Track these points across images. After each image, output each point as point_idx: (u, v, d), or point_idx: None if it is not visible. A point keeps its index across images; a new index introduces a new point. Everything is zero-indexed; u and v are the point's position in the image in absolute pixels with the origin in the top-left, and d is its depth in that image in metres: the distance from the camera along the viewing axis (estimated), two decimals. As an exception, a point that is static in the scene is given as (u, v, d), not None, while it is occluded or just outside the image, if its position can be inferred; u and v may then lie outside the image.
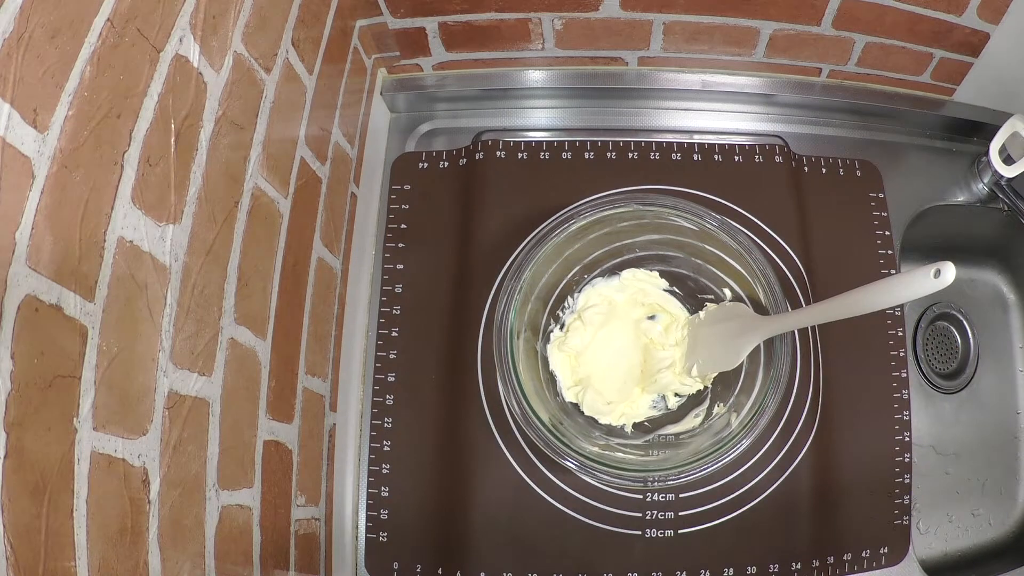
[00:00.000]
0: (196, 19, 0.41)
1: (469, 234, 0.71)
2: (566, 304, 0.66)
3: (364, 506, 0.66)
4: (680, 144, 0.75)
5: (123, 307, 0.36)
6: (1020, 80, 0.73)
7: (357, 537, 0.66)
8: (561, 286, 0.65)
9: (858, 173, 0.75)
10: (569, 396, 0.63)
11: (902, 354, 0.70)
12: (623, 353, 0.64)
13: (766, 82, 0.77)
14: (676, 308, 0.65)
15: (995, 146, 0.71)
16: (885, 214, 0.74)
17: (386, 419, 0.67)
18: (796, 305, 0.68)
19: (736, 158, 0.74)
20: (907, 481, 0.66)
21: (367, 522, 0.65)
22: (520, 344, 0.59)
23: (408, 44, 0.74)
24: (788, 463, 0.65)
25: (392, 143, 0.78)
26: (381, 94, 0.77)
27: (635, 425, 0.64)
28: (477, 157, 0.74)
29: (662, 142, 0.75)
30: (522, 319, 0.60)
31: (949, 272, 0.42)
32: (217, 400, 0.45)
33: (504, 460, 0.64)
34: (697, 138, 0.76)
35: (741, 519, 0.64)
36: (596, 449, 0.57)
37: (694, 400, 0.64)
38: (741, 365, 0.60)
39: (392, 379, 0.68)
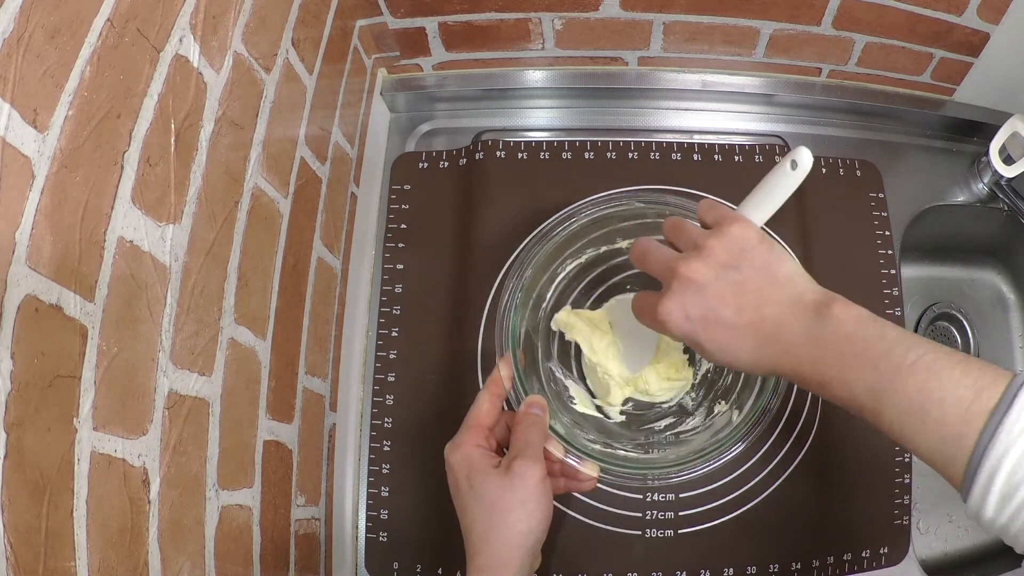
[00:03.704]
0: (196, 19, 0.41)
1: (469, 234, 0.71)
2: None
3: (364, 506, 0.66)
4: (680, 144, 0.75)
5: (123, 307, 0.36)
6: (1020, 80, 0.73)
7: (357, 537, 0.66)
8: (562, 285, 0.65)
9: (858, 173, 0.75)
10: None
11: (902, 354, 0.70)
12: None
13: (766, 82, 0.77)
14: None
15: (995, 146, 0.71)
16: (885, 214, 0.74)
17: (386, 419, 0.67)
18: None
19: (736, 158, 0.74)
20: (907, 481, 0.66)
21: (367, 522, 0.65)
22: (520, 343, 0.59)
23: (408, 44, 0.74)
24: (788, 463, 0.65)
25: (392, 143, 0.78)
26: (381, 94, 0.77)
27: (629, 421, 0.64)
28: (477, 157, 0.74)
29: (662, 142, 0.75)
30: (523, 318, 0.60)
31: (804, 155, 0.46)
32: (217, 400, 0.45)
33: (504, 460, 0.64)
34: (697, 138, 0.76)
35: (741, 519, 0.64)
36: (597, 447, 0.57)
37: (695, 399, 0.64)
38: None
39: (392, 379, 0.68)
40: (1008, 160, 0.71)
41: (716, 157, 0.74)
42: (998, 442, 0.33)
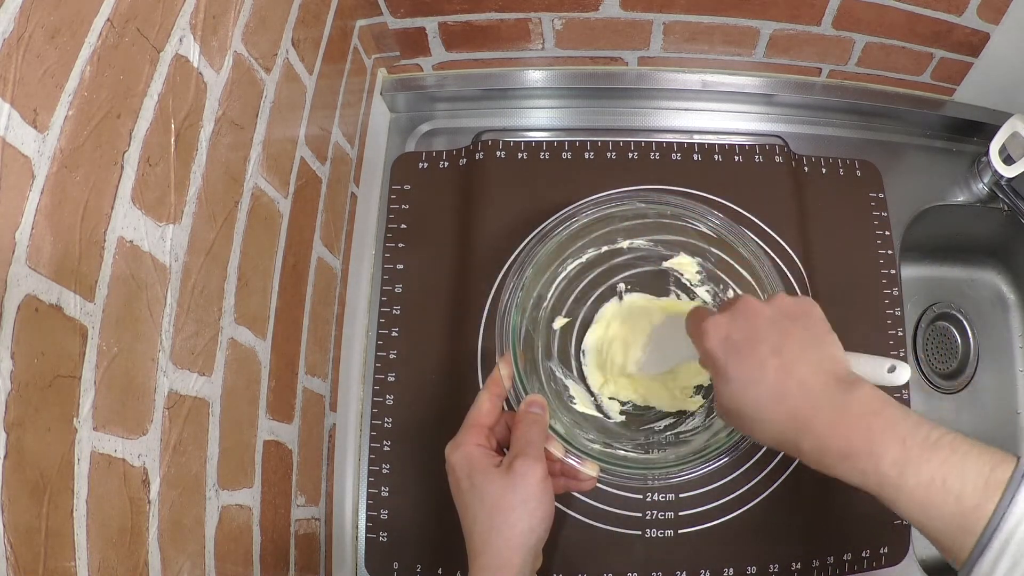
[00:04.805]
0: (196, 19, 0.41)
1: (469, 234, 0.71)
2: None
3: (364, 506, 0.66)
4: (680, 144, 0.75)
5: (123, 307, 0.36)
6: (1020, 80, 0.73)
7: (357, 537, 0.66)
8: (562, 285, 0.65)
9: (858, 173, 0.75)
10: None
11: (902, 354, 0.70)
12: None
13: (766, 82, 0.77)
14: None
15: (995, 146, 0.71)
16: (885, 214, 0.74)
17: (386, 419, 0.67)
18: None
19: (736, 158, 0.74)
20: (907, 481, 0.66)
21: (367, 522, 0.65)
22: (520, 342, 0.59)
23: (408, 44, 0.74)
24: (788, 462, 0.65)
25: (392, 143, 0.78)
26: (381, 94, 0.77)
27: (629, 421, 0.64)
28: (477, 157, 0.74)
29: (662, 142, 0.75)
30: (523, 317, 0.60)
31: (904, 372, 0.47)
32: (217, 400, 0.45)
33: (504, 460, 0.64)
34: (697, 138, 0.76)
35: (741, 519, 0.64)
36: (597, 447, 0.57)
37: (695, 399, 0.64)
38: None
39: (392, 379, 0.68)
40: (1008, 160, 0.71)
41: (716, 157, 0.74)
42: (1016, 509, 0.36)
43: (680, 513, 0.64)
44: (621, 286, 0.67)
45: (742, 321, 0.47)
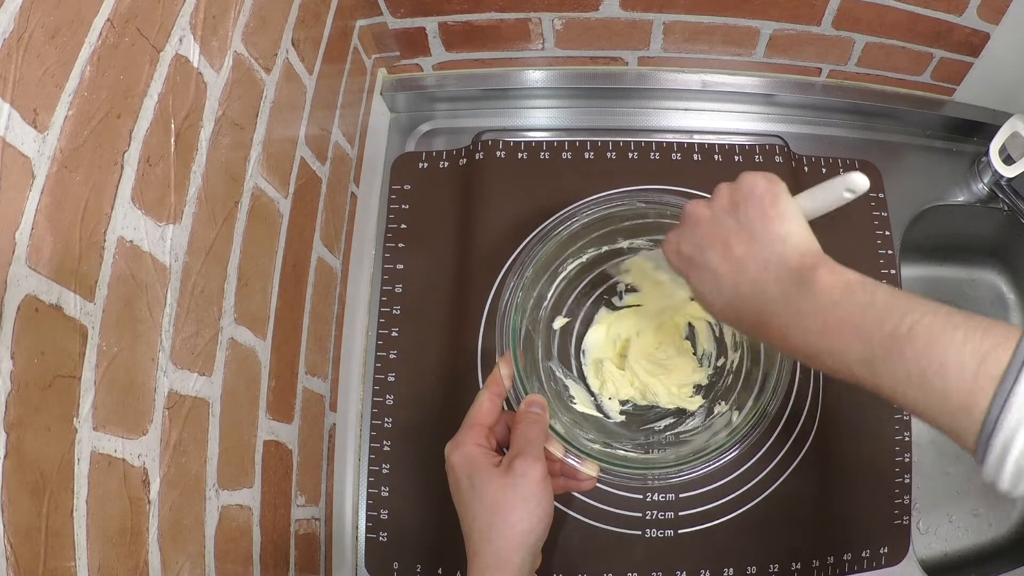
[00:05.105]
0: (196, 19, 0.41)
1: (469, 234, 0.71)
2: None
3: (364, 506, 0.66)
4: (680, 144, 0.75)
5: (123, 307, 0.36)
6: (1020, 80, 0.73)
7: (357, 537, 0.66)
8: (562, 285, 0.65)
9: (858, 173, 0.75)
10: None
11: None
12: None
13: (766, 82, 0.77)
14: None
15: (995, 146, 0.71)
16: (885, 214, 0.74)
17: (386, 419, 0.67)
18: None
19: (736, 158, 0.74)
20: (907, 481, 0.66)
21: (367, 522, 0.65)
22: (520, 342, 0.59)
23: (408, 44, 0.74)
24: (788, 462, 0.65)
25: (392, 143, 0.78)
26: (381, 94, 0.77)
27: (628, 420, 0.64)
28: (477, 157, 0.74)
29: (662, 142, 0.75)
30: (523, 317, 0.60)
31: (861, 180, 0.43)
32: (217, 400, 0.45)
33: (504, 460, 0.64)
34: (697, 138, 0.76)
35: (741, 519, 0.64)
36: (597, 447, 0.57)
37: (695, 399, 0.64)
38: (743, 365, 0.60)
39: (392, 379, 0.68)
40: (1008, 160, 0.71)
41: (716, 157, 0.74)
42: (1010, 415, 0.31)
43: (680, 513, 0.64)
44: (621, 286, 0.67)
45: (688, 231, 0.47)
